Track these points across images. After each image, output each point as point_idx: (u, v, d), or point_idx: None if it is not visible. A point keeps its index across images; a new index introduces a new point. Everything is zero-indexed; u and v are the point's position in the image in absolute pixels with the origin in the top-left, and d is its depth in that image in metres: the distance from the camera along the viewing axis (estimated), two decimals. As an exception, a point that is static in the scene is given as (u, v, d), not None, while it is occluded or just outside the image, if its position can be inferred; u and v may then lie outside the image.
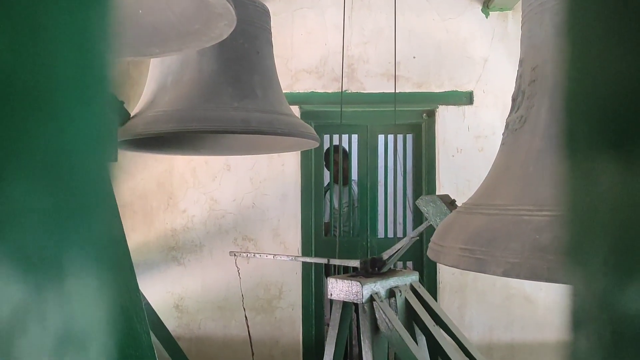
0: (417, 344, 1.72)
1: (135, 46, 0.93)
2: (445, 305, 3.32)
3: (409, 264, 3.61)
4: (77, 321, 0.20)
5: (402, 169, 3.62)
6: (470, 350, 1.70)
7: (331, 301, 1.86)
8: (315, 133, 1.73)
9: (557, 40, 0.22)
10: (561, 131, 0.22)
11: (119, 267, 1.05)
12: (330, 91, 3.40)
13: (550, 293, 3.26)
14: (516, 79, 1.03)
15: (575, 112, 0.21)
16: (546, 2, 0.94)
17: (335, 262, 2.00)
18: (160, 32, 0.87)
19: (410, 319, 1.80)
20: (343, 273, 1.90)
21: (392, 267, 1.89)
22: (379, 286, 1.76)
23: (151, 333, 1.14)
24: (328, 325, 1.92)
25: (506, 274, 0.76)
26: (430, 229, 1.45)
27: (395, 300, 1.79)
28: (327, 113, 3.43)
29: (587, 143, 0.21)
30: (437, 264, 3.24)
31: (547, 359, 3.28)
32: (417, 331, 1.80)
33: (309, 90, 3.42)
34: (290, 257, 2.16)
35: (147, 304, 1.99)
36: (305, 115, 3.34)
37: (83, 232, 0.20)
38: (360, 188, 3.62)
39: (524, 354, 3.35)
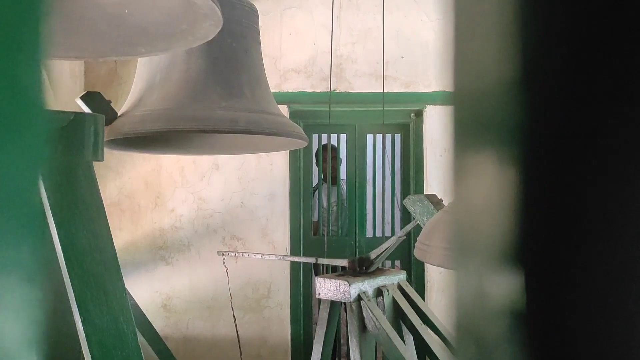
0: (404, 342, 1.73)
1: (121, 45, 0.92)
2: (433, 303, 3.34)
3: (397, 263, 3.63)
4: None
5: (390, 169, 3.63)
6: (457, 349, 1.71)
7: (319, 300, 1.87)
8: (303, 133, 1.73)
9: (441, 49, 0.23)
10: (449, 131, 0.23)
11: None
12: (318, 91, 3.40)
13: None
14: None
15: (458, 113, 0.22)
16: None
17: (324, 261, 2.01)
18: (146, 31, 0.87)
19: (398, 317, 1.81)
20: (331, 272, 1.91)
21: (380, 266, 1.89)
22: (367, 285, 1.77)
23: (138, 333, 1.13)
24: (316, 324, 1.93)
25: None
26: (418, 228, 1.46)
27: (383, 299, 1.80)
28: (315, 112, 3.43)
29: (468, 141, 0.22)
30: (425, 263, 3.26)
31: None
32: (405, 330, 1.81)
33: (298, 90, 3.42)
34: (279, 257, 2.16)
35: (135, 303, 1.98)
36: (293, 114, 3.34)
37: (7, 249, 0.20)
38: (349, 187, 3.63)
39: (510, 352, 3.38)
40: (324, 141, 3.67)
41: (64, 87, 3.04)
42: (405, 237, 1.83)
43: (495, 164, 0.20)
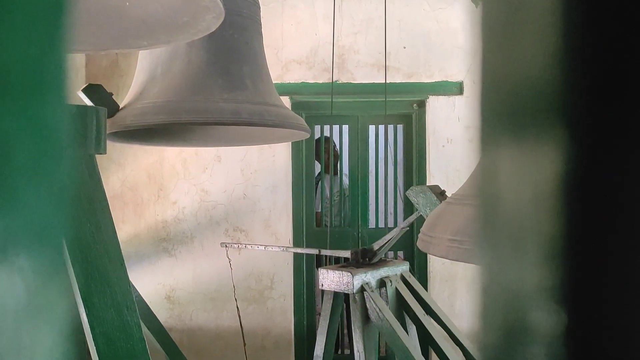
0: (407, 333, 1.74)
1: (123, 38, 0.92)
2: (436, 294, 3.35)
3: (400, 253, 3.63)
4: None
5: (392, 159, 3.63)
6: (460, 339, 1.72)
7: (322, 291, 1.87)
8: (305, 124, 1.72)
9: (473, 40, 0.23)
10: (476, 119, 0.22)
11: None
12: (320, 82, 3.39)
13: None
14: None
15: (486, 102, 0.22)
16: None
17: (327, 252, 2.01)
18: (148, 24, 0.87)
19: (401, 308, 1.82)
20: (334, 263, 1.91)
21: (383, 257, 1.90)
22: (370, 276, 1.77)
23: (142, 325, 1.14)
24: (319, 315, 1.94)
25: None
26: (421, 219, 1.46)
27: (386, 290, 1.80)
28: (317, 104, 3.43)
29: (495, 131, 0.22)
30: (428, 254, 3.26)
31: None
32: (408, 321, 1.81)
33: (300, 81, 3.41)
34: (282, 248, 2.16)
35: (138, 295, 1.99)
36: (296, 105, 3.33)
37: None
38: (351, 178, 3.63)
39: (513, 342, 3.39)
40: (327, 132, 3.67)
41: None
42: (408, 228, 1.83)
43: (537, 152, 0.20)
